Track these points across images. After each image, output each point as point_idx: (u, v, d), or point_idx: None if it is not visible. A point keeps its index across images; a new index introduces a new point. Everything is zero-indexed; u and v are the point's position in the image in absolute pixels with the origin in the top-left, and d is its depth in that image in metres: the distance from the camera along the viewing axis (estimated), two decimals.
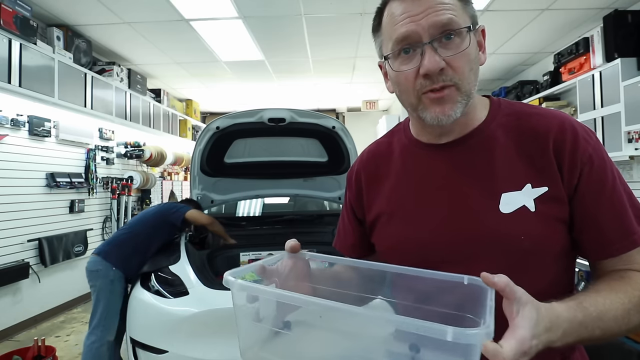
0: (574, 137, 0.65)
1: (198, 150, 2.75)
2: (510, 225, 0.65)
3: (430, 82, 0.64)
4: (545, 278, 0.66)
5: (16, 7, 3.16)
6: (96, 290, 2.35)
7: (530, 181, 0.65)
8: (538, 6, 3.59)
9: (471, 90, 0.66)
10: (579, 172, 0.64)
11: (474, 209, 0.67)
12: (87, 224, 4.35)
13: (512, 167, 0.67)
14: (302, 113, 2.66)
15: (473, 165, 0.70)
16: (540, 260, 0.66)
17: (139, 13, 3.65)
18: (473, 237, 0.67)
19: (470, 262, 0.65)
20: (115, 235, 2.56)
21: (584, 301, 0.56)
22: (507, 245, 0.65)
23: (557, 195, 0.65)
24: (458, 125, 0.71)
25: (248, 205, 3.64)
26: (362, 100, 7.48)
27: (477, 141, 0.71)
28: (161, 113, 5.76)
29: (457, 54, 0.63)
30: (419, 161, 0.75)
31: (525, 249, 0.65)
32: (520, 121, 0.70)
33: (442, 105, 0.65)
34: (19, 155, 3.42)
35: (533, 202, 0.65)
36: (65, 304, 4.02)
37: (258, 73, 5.60)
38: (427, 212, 0.72)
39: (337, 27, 4.04)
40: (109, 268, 2.35)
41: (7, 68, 3.06)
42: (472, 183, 0.69)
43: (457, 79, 0.64)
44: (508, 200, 0.65)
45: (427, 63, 0.63)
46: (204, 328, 2.04)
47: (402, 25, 0.64)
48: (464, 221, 0.68)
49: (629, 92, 3.18)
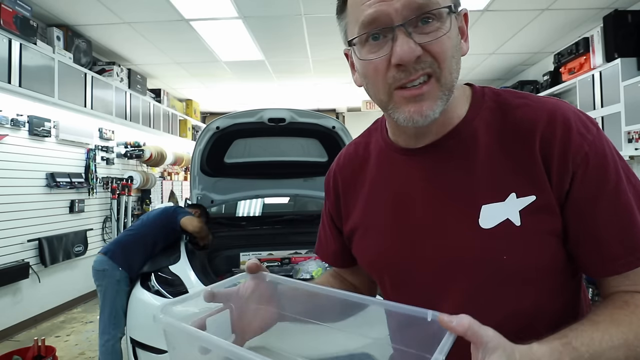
0: (565, 131, 0.54)
1: (198, 150, 2.75)
2: (491, 243, 0.55)
3: (405, 74, 0.53)
4: (531, 297, 0.57)
5: (16, 7, 3.16)
6: (102, 290, 2.38)
7: (515, 190, 0.55)
8: (538, 6, 3.59)
9: (453, 84, 0.55)
10: (571, 174, 0.53)
11: (451, 224, 0.58)
12: (87, 224, 4.34)
13: (494, 173, 0.56)
14: (302, 113, 2.66)
15: (451, 172, 0.59)
16: (527, 279, 0.57)
17: (139, 13, 3.65)
18: (449, 257, 0.58)
19: (448, 284, 0.59)
20: (122, 235, 2.60)
21: (574, 340, 0.46)
22: (487, 266, 0.56)
23: (547, 205, 0.54)
24: (435, 125, 0.59)
25: (248, 205, 3.64)
26: (362, 100, 7.48)
27: (455, 143, 0.60)
28: (161, 113, 5.76)
29: (437, 39, 0.52)
30: (395, 168, 0.66)
31: (507, 272, 0.55)
32: (506, 114, 0.58)
33: (419, 103, 0.54)
34: (19, 155, 3.42)
35: (518, 215, 0.54)
36: (65, 304, 4.01)
37: (258, 73, 5.60)
38: (401, 227, 0.63)
39: (337, 27, 4.02)
40: (115, 268, 2.38)
41: (7, 68, 3.06)
42: (449, 194, 0.59)
43: (437, 67, 0.53)
44: (489, 213, 0.55)
45: (400, 50, 0.51)
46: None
47: (370, 5, 0.52)
48: (439, 239, 0.59)
49: (629, 92, 3.18)
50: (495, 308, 0.57)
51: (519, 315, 0.57)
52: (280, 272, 2.68)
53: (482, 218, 0.56)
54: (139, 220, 2.70)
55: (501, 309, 0.57)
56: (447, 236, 0.58)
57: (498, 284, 0.56)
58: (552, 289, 0.59)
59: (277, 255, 2.82)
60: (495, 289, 0.57)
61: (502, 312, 0.57)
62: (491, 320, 0.49)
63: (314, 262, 2.62)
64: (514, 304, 0.58)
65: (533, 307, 0.58)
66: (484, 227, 0.56)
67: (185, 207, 2.83)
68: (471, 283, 0.58)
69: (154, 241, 2.51)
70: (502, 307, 0.57)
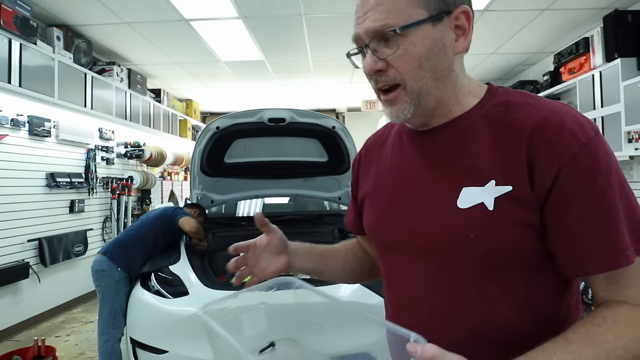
0: (556, 132, 0.56)
1: (198, 150, 2.75)
2: (462, 221, 0.60)
3: (374, 82, 0.65)
4: (501, 288, 0.61)
5: (16, 7, 3.16)
6: (102, 290, 2.38)
7: (495, 178, 0.59)
8: (538, 6, 3.59)
9: (421, 88, 0.62)
10: (555, 173, 0.55)
11: (432, 201, 0.65)
12: (87, 224, 4.35)
13: (481, 161, 0.61)
14: (302, 113, 2.66)
15: (442, 155, 0.66)
16: (495, 267, 0.60)
17: (139, 13, 3.65)
18: (427, 232, 0.64)
19: (424, 256, 0.65)
20: (121, 236, 2.59)
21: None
22: (455, 242, 0.61)
23: (522, 197, 0.57)
24: (434, 116, 0.67)
25: (248, 205, 3.64)
26: (362, 100, 7.48)
27: (453, 131, 0.66)
28: (161, 113, 5.77)
29: (394, 54, 0.60)
30: (402, 148, 0.74)
31: (474, 249, 0.60)
32: (507, 112, 0.63)
33: (391, 107, 0.65)
34: (19, 155, 3.42)
35: (493, 200, 0.58)
36: (65, 304, 4.01)
37: (258, 73, 5.60)
38: (397, 199, 0.71)
39: (337, 27, 4.04)
40: (114, 269, 2.37)
41: (7, 68, 3.06)
42: (437, 174, 0.66)
43: (400, 79, 0.62)
44: (467, 195, 0.61)
45: (365, 64, 0.64)
46: None
47: (354, 27, 0.66)
48: (423, 213, 0.66)
49: (629, 92, 3.18)
50: (468, 294, 0.61)
51: (494, 317, 0.61)
52: None
53: (460, 199, 0.61)
54: (138, 220, 2.69)
55: (470, 301, 0.61)
56: (429, 212, 0.65)
57: (468, 261, 0.61)
58: (528, 288, 0.61)
59: None
60: (464, 268, 0.61)
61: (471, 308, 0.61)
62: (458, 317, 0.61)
63: None
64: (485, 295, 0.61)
65: (509, 307, 0.60)
66: (460, 207, 0.61)
67: (183, 206, 2.83)
68: (443, 257, 0.63)
69: (153, 241, 2.50)
70: (472, 298, 0.61)
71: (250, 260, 0.81)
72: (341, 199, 3.22)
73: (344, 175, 3.08)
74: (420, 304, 0.66)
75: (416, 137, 0.71)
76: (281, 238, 0.82)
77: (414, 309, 0.67)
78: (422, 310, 0.65)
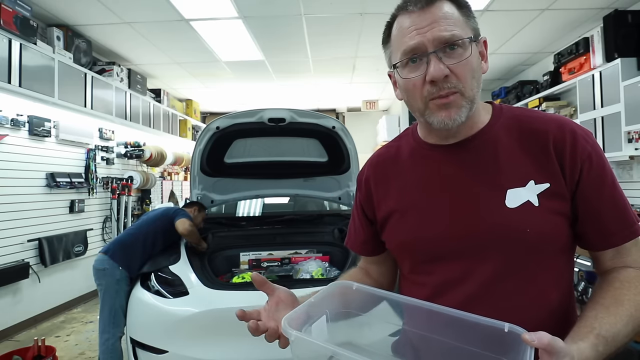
0: (573, 136, 0.70)
1: (198, 150, 2.75)
2: (516, 219, 0.68)
3: (436, 88, 0.69)
4: (549, 273, 0.71)
5: (16, 7, 3.16)
6: (102, 289, 2.38)
7: (533, 178, 0.69)
8: (538, 6, 3.59)
9: (474, 96, 0.71)
10: (580, 168, 0.69)
11: (481, 204, 0.71)
12: (87, 224, 4.35)
13: (515, 164, 0.71)
14: (302, 113, 2.66)
15: (479, 163, 0.74)
16: (544, 255, 0.70)
17: (139, 13, 3.65)
18: (481, 231, 0.71)
19: (478, 256, 0.71)
20: (122, 235, 2.59)
21: (601, 329, 0.59)
22: (513, 238, 0.69)
23: (559, 191, 0.69)
24: (463, 129, 0.75)
25: (248, 205, 3.64)
26: (362, 100, 7.48)
27: (481, 142, 0.75)
28: (161, 113, 5.77)
29: (459, 62, 0.68)
30: (428, 161, 0.80)
31: (530, 242, 0.68)
32: (522, 123, 0.74)
33: (448, 110, 0.70)
34: (19, 155, 3.42)
35: (537, 198, 0.69)
36: (65, 304, 4.02)
37: (258, 73, 5.60)
38: (436, 209, 0.76)
39: (337, 27, 4.04)
40: (115, 268, 2.38)
41: (7, 68, 3.06)
42: (478, 180, 0.73)
43: (461, 85, 0.69)
44: (513, 195, 0.70)
45: (433, 70, 0.68)
46: (204, 328, 2.04)
47: (410, 38, 0.70)
48: (471, 217, 0.72)
49: (629, 92, 3.18)
50: (525, 284, 0.70)
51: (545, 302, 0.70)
52: (281, 272, 2.67)
53: (507, 199, 0.70)
54: (139, 219, 2.70)
55: (527, 289, 0.70)
56: (479, 215, 0.71)
57: (524, 253, 0.69)
58: (561, 266, 0.73)
59: (277, 255, 2.82)
60: (519, 261, 0.70)
61: (528, 295, 0.69)
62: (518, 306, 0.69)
63: (314, 262, 2.62)
64: (535, 277, 0.70)
65: (551, 282, 0.71)
66: (510, 207, 0.70)
67: (183, 205, 2.83)
68: (499, 254, 0.70)
69: (153, 241, 2.51)
70: (524, 281, 0.70)
71: (270, 323, 0.71)
72: (341, 199, 3.22)
73: (344, 175, 3.08)
74: (482, 304, 0.69)
75: (446, 150, 0.78)
76: (287, 290, 0.77)
77: (477, 310, 0.68)
78: (484, 309, 0.67)
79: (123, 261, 2.40)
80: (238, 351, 1.99)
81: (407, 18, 0.71)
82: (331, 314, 0.73)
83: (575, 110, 3.92)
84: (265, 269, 2.73)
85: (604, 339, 0.58)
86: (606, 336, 0.58)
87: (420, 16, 0.70)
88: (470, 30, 0.71)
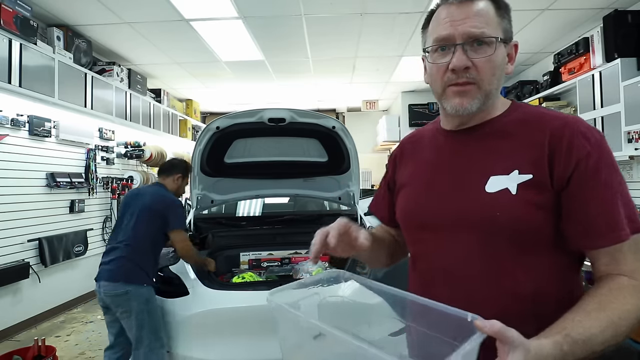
0: (573, 134, 0.72)
1: (198, 150, 2.75)
2: (489, 202, 0.73)
3: (455, 76, 0.75)
4: (526, 267, 0.72)
5: (16, 7, 3.16)
6: (130, 315, 2.08)
7: (519, 168, 0.73)
8: (538, 6, 3.59)
9: (491, 91, 0.76)
10: (574, 166, 0.70)
11: (466, 187, 0.78)
12: (87, 224, 4.35)
13: (508, 155, 0.76)
14: (302, 113, 2.66)
15: (475, 150, 0.80)
16: (522, 247, 0.72)
17: (139, 13, 3.65)
18: (459, 210, 0.77)
19: (456, 231, 0.77)
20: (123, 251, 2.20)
21: (572, 330, 0.60)
22: (485, 219, 0.74)
23: (541, 183, 0.71)
24: (475, 119, 0.81)
25: (248, 205, 3.64)
26: (362, 100, 7.48)
27: (486, 131, 0.81)
28: (161, 113, 5.77)
29: (482, 58, 0.74)
30: (437, 145, 0.88)
31: (500, 226, 0.72)
32: (530, 118, 0.78)
33: (462, 98, 0.76)
34: (19, 155, 3.42)
35: (516, 186, 0.72)
36: (65, 304, 4.02)
37: (258, 73, 5.60)
38: (431, 187, 0.84)
39: (337, 27, 4.03)
40: (138, 287, 2.12)
41: (7, 68, 3.06)
42: (469, 166, 0.79)
43: (479, 78, 0.75)
44: (494, 182, 0.75)
45: (455, 60, 0.74)
46: (204, 328, 2.04)
47: (444, 28, 0.76)
48: (455, 197, 0.79)
49: (629, 92, 3.18)
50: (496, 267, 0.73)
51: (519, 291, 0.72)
52: (281, 272, 2.68)
53: (488, 185, 0.75)
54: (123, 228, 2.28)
55: (497, 277, 0.73)
56: (461, 196, 0.78)
57: (496, 238, 0.73)
58: (549, 265, 0.73)
59: (277, 255, 2.83)
60: (492, 245, 0.73)
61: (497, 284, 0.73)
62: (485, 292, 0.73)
63: None
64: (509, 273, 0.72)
65: (531, 281, 0.72)
66: (488, 191, 0.74)
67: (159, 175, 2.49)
68: (474, 233, 0.75)
69: (158, 241, 2.31)
70: (499, 275, 0.73)
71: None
72: (341, 199, 3.23)
73: (344, 175, 3.08)
74: (454, 275, 0.77)
75: (451, 135, 0.85)
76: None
77: (449, 279, 0.78)
78: (455, 280, 0.77)
79: (142, 278, 2.15)
80: (238, 351, 2.00)
81: (446, 9, 0.77)
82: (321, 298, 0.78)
83: (575, 111, 3.91)
84: (265, 269, 2.73)
85: (572, 340, 0.58)
86: (576, 338, 0.59)
87: (457, 9, 0.75)
88: (501, 31, 0.76)
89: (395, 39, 4.30)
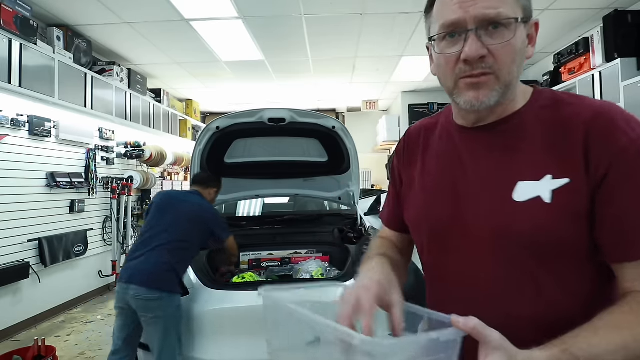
0: (608, 125, 0.60)
1: (198, 150, 2.75)
2: (520, 214, 0.63)
3: (469, 68, 0.63)
4: (561, 285, 0.63)
5: (16, 7, 3.16)
6: (162, 320, 2.00)
7: (551, 172, 0.62)
8: (538, 6, 3.59)
9: (511, 82, 0.65)
10: (609, 163, 0.59)
11: (489, 195, 0.66)
12: (87, 224, 4.34)
13: (535, 157, 0.64)
14: (302, 113, 2.66)
15: (496, 151, 0.68)
16: (550, 254, 0.62)
17: (139, 13, 3.65)
18: (482, 221, 0.66)
19: (478, 245, 0.66)
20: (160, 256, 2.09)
21: (572, 346, 0.51)
22: (512, 233, 0.63)
23: (579, 188, 0.60)
24: (493, 114, 0.69)
25: (248, 205, 3.64)
26: (362, 100, 7.48)
27: (505, 128, 0.69)
28: (161, 113, 5.76)
29: (501, 44, 0.62)
30: (451, 142, 0.76)
31: (531, 241, 0.62)
32: (555, 111, 0.66)
33: (477, 91, 0.64)
34: (19, 155, 3.42)
35: (550, 194, 0.61)
36: (65, 304, 4.01)
37: (258, 73, 5.60)
38: (444, 192, 0.73)
39: (337, 27, 4.03)
40: (172, 294, 2.04)
41: (7, 68, 3.06)
42: (493, 168, 0.68)
43: (497, 67, 0.63)
44: (523, 189, 0.64)
45: (468, 49, 0.62)
46: (204, 328, 2.04)
47: (452, 12, 0.63)
48: (476, 207, 0.67)
49: (629, 92, 3.18)
50: (521, 281, 0.64)
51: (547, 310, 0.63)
52: (280, 272, 2.68)
53: (515, 192, 0.64)
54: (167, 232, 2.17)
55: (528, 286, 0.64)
56: (483, 203, 0.67)
57: (522, 252, 0.63)
58: (580, 277, 0.63)
59: (277, 255, 2.82)
60: (519, 257, 0.64)
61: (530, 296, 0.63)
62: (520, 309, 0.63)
63: (314, 262, 2.62)
64: (544, 289, 0.63)
65: (561, 294, 0.63)
66: (516, 200, 0.64)
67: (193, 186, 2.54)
68: (498, 247, 0.65)
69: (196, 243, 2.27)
70: (531, 294, 0.64)
71: None
72: (341, 199, 3.23)
73: (344, 175, 3.08)
74: (471, 293, 0.68)
75: (468, 132, 0.73)
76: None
77: (469, 302, 0.67)
78: (476, 304, 0.65)
79: (176, 285, 2.07)
80: (238, 351, 1.99)
81: None
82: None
83: None
84: (265, 269, 2.73)
85: (572, 356, 0.50)
86: (577, 355, 0.51)
87: None
88: (520, 10, 0.64)
89: (395, 39, 4.29)
